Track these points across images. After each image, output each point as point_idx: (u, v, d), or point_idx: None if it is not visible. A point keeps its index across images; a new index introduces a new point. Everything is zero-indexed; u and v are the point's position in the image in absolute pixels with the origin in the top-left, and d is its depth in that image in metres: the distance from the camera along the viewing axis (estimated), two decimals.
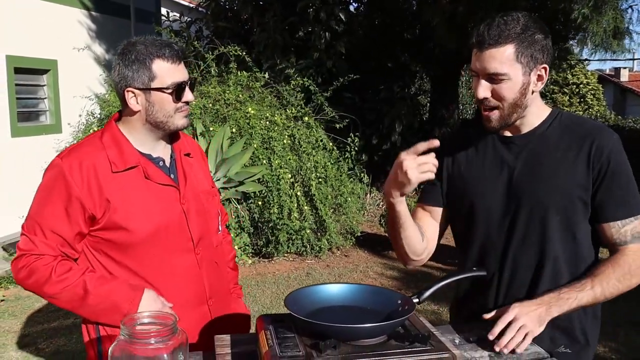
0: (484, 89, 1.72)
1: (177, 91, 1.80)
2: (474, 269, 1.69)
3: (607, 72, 30.40)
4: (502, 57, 1.67)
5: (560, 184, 1.74)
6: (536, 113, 1.81)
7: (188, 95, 1.84)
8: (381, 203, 10.23)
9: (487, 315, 1.69)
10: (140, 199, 1.81)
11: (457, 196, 1.93)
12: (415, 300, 1.46)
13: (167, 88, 1.79)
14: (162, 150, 1.93)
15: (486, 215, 1.85)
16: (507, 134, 1.84)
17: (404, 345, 1.29)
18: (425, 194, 2.02)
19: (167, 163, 1.93)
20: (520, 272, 1.81)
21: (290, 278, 6.53)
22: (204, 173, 2.08)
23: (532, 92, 1.74)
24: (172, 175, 1.91)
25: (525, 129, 1.82)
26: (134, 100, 1.81)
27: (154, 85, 1.78)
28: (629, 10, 8.21)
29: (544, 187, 1.75)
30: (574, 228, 1.77)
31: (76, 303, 1.74)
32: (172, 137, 1.98)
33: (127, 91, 1.80)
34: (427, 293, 1.53)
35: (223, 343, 1.51)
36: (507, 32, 1.66)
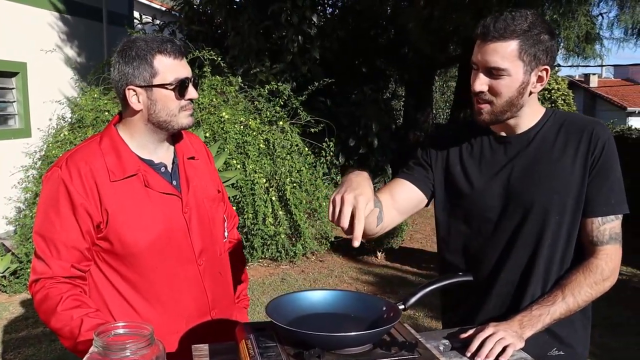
0: (481, 82, 1.69)
1: (180, 87, 1.72)
2: (460, 274, 1.66)
3: (577, 78, 30.85)
4: (505, 52, 1.64)
5: (558, 185, 1.72)
6: (532, 113, 1.79)
7: (192, 92, 1.76)
8: None
9: (464, 335, 1.65)
10: (140, 209, 1.72)
11: (451, 196, 1.89)
12: (401, 307, 1.41)
13: (169, 84, 1.71)
14: (164, 155, 1.84)
15: (483, 217, 1.81)
16: (502, 133, 1.82)
17: (391, 353, 1.24)
18: (411, 172, 1.94)
19: (169, 168, 1.84)
20: (514, 272, 1.78)
21: (265, 284, 6.47)
22: (210, 176, 1.98)
23: (530, 92, 1.72)
24: (174, 182, 1.82)
25: (520, 129, 1.79)
26: (135, 99, 1.72)
27: (155, 81, 1.70)
28: (600, 17, 8.36)
29: (542, 189, 1.73)
30: (569, 229, 1.75)
31: (72, 342, 1.65)
32: (175, 139, 1.89)
33: (128, 89, 1.71)
34: (413, 299, 1.48)
35: (201, 353, 1.46)
36: (514, 27, 1.63)
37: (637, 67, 30.80)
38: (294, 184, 7.25)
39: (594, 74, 30.16)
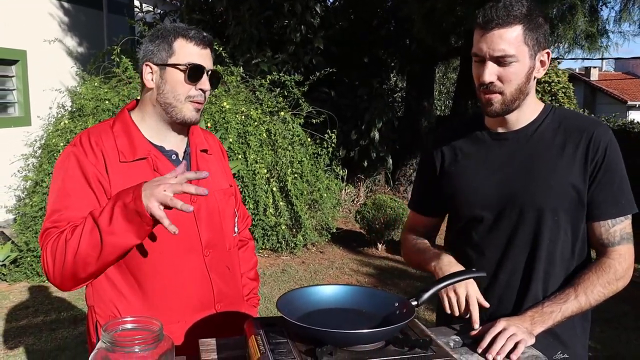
0: (490, 73, 1.65)
1: (191, 72, 1.72)
2: (473, 270, 1.63)
3: (578, 71, 30.77)
4: (511, 38, 1.62)
5: (556, 183, 1.69)
6: (531, 107, 1.76)
7: (204, 82, 1.75)
8: (356, 199, 10.19)
9: (474, 332, 1.63)
10: None
11: (449, 197, 1.88)
12: (414, 303, 1.38)
13: (181, 65, 1.71)
14: (177, 144, 1.83)
15: (480, 218, 1.79)
16: (500, 130, 1.79)
17: (404, 351, 1.22)
18: (419, 203, 2.04)
19: (181, 157, 1.83)
20: (516, 274, 1.75)
21: (266, 275, 6.45)
22: (222, 171, 1.98)
23: (535, 77, 1.70)
24: None
25: (519, 125, 1.76)
26: (150, 76, 1.75)
27: (170, 61, 1.72)
28: (604, 9, 8.27)
29: (541, 188, 1.70)
30: (570, 230, 1.72)
31: (96, 239, 1.56)
32: (189, 131, 1.89)
33: (146, 65, 1.75)
34: (426, 295, 1.45)
35: (209, 348, 1.43)
36: (515, 12, 1.62)
37: (638, 61, 30.75)
38: (295, 175, 7.23)
39: (594, 67, 30.09)
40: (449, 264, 1.74)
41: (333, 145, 7.98)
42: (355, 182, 10.34)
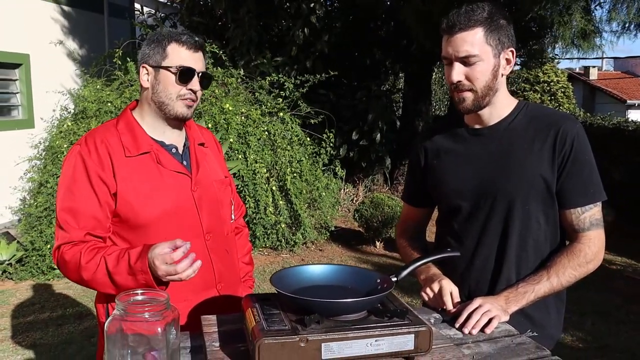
0: (457, 73, 1.81)
1: (182, 74, 1.88)
2: (448, 250, 1.78)
3: (577, 70, 30.83)
4: (473, 40, 1.77)
5: (527, 175, 1.83)
6: (504, 103, 1.90)
7: (194, 83, 1.91)
8: (355, 198, 10.32)
9: (453, 310, 1.77)
10: (151, 183, 1.88)
11: (433, 189, 2.05)
12: (394, 279, 1.53)
13: (172, 68, 1.88)
14: (175, 138, 2.01)
15: (458, 208, 1.94)
16: (476, 126, 1.94)
17: (383, 320, 1.36)
18: (409, 196, 2.23)
19: (180, 151, 2.01)
20: (490, 258, 1.91)
21: (266, 272, 6.59)
22: (218, 163, 2.15)
23: (502, 75, 1.84)
24: (184, 163, 1.98)
25: (493, 120, 1.91)
26: (146, 77, 1.93)
27: (163, 64, 1.89)
28: (598, 9, 8.41)
29: (512, 179, 1.84)
30: (541, 217, 1.86)
31: (108, 285, 1.78)
32: (187, 127, 2.05)
33: (142, 67, 1.93)
34: (405, 272, 1.61)
35: (210, 322, 1.57)
36: (475, 17, 1.77)
37: (637, 60, 30.81)
38: (294, 174, 7.37)
39: (593, 67, 30.18)
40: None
41: (331, 145, 8.12)
42: (354, 181, 10.48)
